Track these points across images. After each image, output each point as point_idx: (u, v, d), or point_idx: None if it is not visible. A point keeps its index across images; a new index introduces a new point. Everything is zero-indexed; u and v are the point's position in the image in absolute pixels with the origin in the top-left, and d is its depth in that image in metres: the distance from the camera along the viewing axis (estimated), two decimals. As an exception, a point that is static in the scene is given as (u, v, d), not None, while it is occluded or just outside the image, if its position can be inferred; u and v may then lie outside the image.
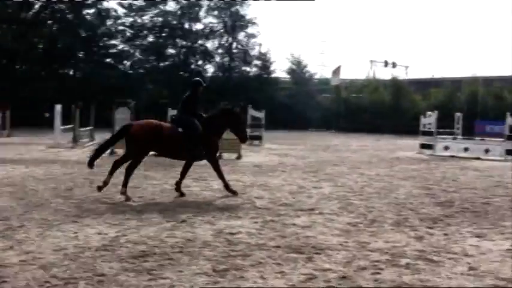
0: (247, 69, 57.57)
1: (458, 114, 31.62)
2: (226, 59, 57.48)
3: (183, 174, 11.43)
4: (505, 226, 8.88)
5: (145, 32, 55.44)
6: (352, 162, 19.37)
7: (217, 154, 12.38)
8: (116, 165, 11.01)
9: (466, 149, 23.60)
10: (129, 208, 9.71)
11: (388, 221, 9.05)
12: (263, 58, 57.06)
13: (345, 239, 7.72)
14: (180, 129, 11.06)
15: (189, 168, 11.53)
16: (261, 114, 28.21)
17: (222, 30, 57.41)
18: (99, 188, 10.82)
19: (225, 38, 57.56)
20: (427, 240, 7.76)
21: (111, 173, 10.89)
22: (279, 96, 53.35)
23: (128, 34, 55.08)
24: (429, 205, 10.72)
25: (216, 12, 57.19)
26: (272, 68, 57.29)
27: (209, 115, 11.45)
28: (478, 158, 22.22)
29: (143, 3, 54.94)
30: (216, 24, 57.40)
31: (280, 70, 58.26)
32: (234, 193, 11.32)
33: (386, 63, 68.46)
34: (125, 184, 10.69)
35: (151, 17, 55.52)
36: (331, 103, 54.31)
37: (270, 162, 18.89)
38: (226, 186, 11.39)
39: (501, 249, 7.42)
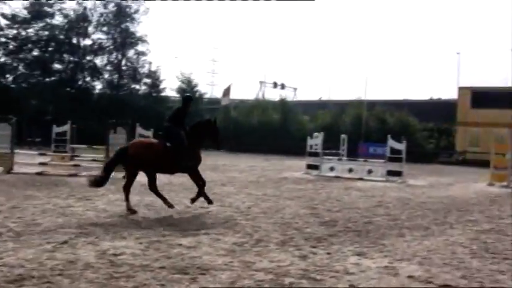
0: (137, 86, 56.93)
1: (343, 136, 32.80)
2: (115, 76, 56.56)
3: (198, 185, 12.26)
4: (384, 244, 9.27)
5: (29, 45, 53.43)
6: (239, 182, 19.55)
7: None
8: (127, 191, 11.62)
9: (350, 170, 24.52)
10: (6, 230, 9.24)
11: (273, 240, 9.20)
12: (153, 76, 56.64)
13: (231, 259, 7.75)
14: (168, 144, 11.74)
15: (201, 177, 12.30)
16: (149, 133, 27.84)
17: (111, 47, 56.47)
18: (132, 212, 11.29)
19: (114, 55, 56.68)
20: (311, 259, 7.95)
21: (127, 199, 11.54)
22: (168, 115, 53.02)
23: (11, 47, 52.84)
24: (314, 225, 11.00)
25: (105, 28, 56.24)
26: (162, 86, 57.01)
27: (191, 127, 12.14)
28: (361, 179, 23.14)
29: (28, 16, 52.99)
30: (105, 41, 56.43)
31: (170, 89, 57.99)
32: (210, 202, 12.27)
33: (275, 85, 70.03)
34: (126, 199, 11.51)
35: (37, 30, 53.65)
36: (221, 123, 54.52)
37: (158, 181, 18.63)
38: (204, 195, 12.28)
39: (380, 266, 7.74)
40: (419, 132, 49.20)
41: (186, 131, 12.04)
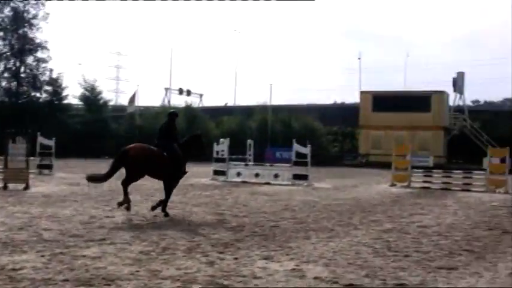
0: (37, 94, 54.95)
1: (249, 141, 33.09)
2: (14, 83, 54.35)
3: (166, 196, 12.95)
4: (291, 247, 9.41)
5: None
6: (146, 190, 19.25)
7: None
8: (125, 186, 12.43)
9: (257, 175, 24.77)
10: None
11: (180, 248, 9.12)
12: (54, 83, 54.84)
13: (137, 268, 7.61)
14: (165, 153, 12.64)
15: (173, 189, 13.18)
16: (51, 142, 27.00)
17: (8, 53, 54.23)
18: (120, 204, 12.45)
19: (12, 62, 54.45)
20: (218, 265, 7.95)
21: (125, 193, 12.38)
22: (71, 124, 51.55)
23: None
24: (221, 230, 11.00)
25: (1, 34, 53.94)
26: (64, 93, 55.31)
27: (184, 142, 13.29)
28: (268, 183, 23.41)
29: None
30: (1, 47, 54.12)
31: (73, 96, 56.28)
32: (167, 215, 12.60)
33: (181, 91, 69.67)
34: (126, 197, 12.35)
35: None
36: (126, 130, 53.66)
37: (61, 192, 18.11)
38: (164, 206, 12.80)
39: (287, 269, 7.84)
40: (324, 136, 50.46)
41: (179, 143, 13.04)
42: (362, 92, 51.90)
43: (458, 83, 54.62)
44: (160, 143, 12.84)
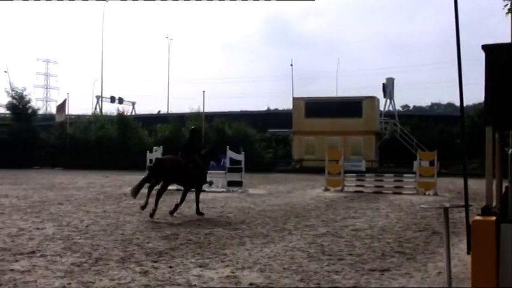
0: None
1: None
2: None
3: (196, 200, 15.11)
4: (226, 254, 9.40)
5: None
6: (78, 200, 18.85)
7: None
8: (158, 196, 14.22)
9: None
10: None
11: (113, 258, 8.95)
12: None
13: (69, 281, 7.43)
14: (191, 165, 14.53)
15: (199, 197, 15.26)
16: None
17: None
18: (142, 207, 14.25)
19: None
20: (153, 274, 7.84)
21: (156, 202, 14.13)
22: (-2, 133, 49.95)
23: None
24: (155, 239, 10.88)
25: None
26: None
27: (205, 152, 15.35)
28: (203, 191, 23.27)
29: None
30: None
31: (-1, 105, 54.47)
32: (202, 214, 14.74)
33: (113, 99, 68.68)
34: (155, 205, 14.03)
35: None
36: (56, 140, 52.41)
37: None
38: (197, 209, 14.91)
39: (222, 276, 7.83)
40: (258, 142, 50.59)
41: (200, 155, 15.07)
42: (294, 99, 52.40)
43: (388, 89, 56.04)
44: (184, 156, 14.77)
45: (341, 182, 24.78)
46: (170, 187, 15.40)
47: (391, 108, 57.22)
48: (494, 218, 4.97)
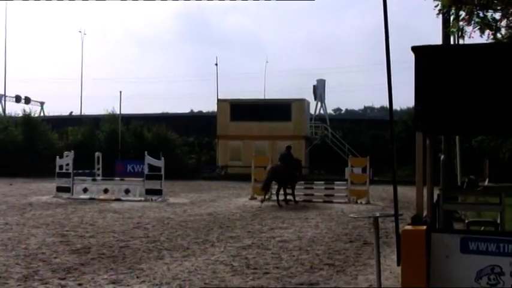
0: None
1: (98, 154, 32.30)
2: None
3: (293, 193, 22.91)
4: (143, 269, 9.28)
5: None
6: (21, 205, 18.24)
7: None
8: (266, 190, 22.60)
9: (106, 191, 24.19)
10: None
11: (14, 276, 8.67)
12: None
13: (-38, 302, 7.13)
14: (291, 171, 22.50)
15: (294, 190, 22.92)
16: None
17: None
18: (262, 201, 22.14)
19: None
20: (59, 293, 7.65)
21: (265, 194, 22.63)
22: None
23: None
24: (64, 254, 10.62)
25: None
26: None
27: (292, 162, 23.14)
28: (119, 200, 22.96)
29: None
30: None
31: None
32: (296, 202, 22.75)
33: (18, 99, 66.69)
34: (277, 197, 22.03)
35: None
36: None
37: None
38: (293, 199, 22.78)
39: (137, 293, 7.72)
40: (180, 148, 50.29)
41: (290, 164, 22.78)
42: (219, 100, 52.37)
43: (318, 91, 56.93)
44: (285, 164, 22.56)
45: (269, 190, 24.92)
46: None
47: (322, 112, 58.11)
48: (424, 227, 5.10)
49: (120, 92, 48.39)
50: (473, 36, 10.78)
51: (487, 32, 10.57)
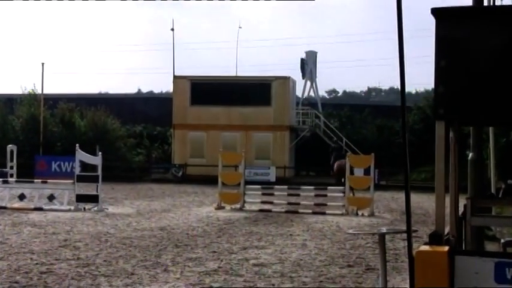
0: None
1: (11, 147, 32.05)
2: None
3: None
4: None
5: None
6: None
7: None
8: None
9: (22, 197, 24.00)
10: None
11: None
12: None
13: None
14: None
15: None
16: None
17: None
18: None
19: None
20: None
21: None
22: None
23: None
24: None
25: None
26: None
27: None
28: (40, 209, 22.80)
29: None
30: None
31: None
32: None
33: None
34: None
35: None
36: None
37: None
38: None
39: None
40: (123, 140, 50.08)
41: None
42: (176, 78, 52.04)
43: (308, 66, 56.87)
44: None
45: (240, 197, 24.93)
46: None
47: (312, 94, 58.25)
48: (446, 248, 5.10)
49: (43, 64, 47.91)
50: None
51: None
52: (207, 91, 48.98)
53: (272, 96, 48.79)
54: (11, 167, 30.94)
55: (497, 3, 11.24)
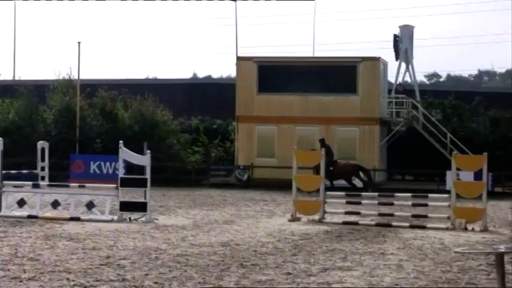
0: None
1: (42, 144, 32.33)
2: None
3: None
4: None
5: None
6: None
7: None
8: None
9: (55, 204, 24.27)
10: None
11: None
12: None
13: None
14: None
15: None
16: None
17: None
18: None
19: None
20: None
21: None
22: None
23: None
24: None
25: None
26: None
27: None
28: (77, 219, 23.05)
29: None
30: None
31: None
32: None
33: None
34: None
35: None
36: None
37: None
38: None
39: None
40: (176, 135, 50.24)
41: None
42: (240, 59, 52.13)
43: (402, 45, 56.42)
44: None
45: (320, 207, 24.84)
46: None
47: (408, 79, 57.82)
48: None
49: (79, 43, 48.39)
50: None
51: None
52: (278, 75, 48.91)
53: (358, 81, 48.43)
54: (42, 168, 31.24)
55: None
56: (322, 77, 48.16)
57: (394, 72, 56.30)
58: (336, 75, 48.29)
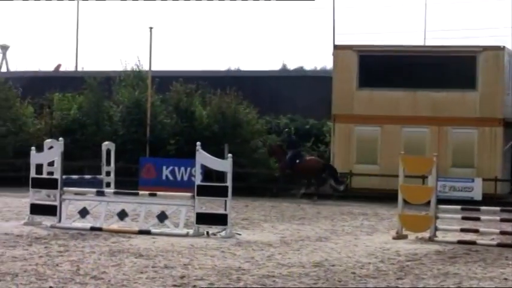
0: None
1: (108, 145, 32.70)
2: None
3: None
4: None
5: None
6: None
7: None
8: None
9: (122, 215, 24.48)
10: None
11: None
12: None
13: None
14: None
15: None
16: None
17: None
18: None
19: None
20: None
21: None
22: None
23: None
24: None
25: None
26: None
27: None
28: (146, 232, 23.24)
29: None
30: None
31: None
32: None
33: None
34: None
35: None
36: None
37: None
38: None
39: None
40: (262, 136, 50.32)
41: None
42: (338, 48, 52.02)
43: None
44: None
45: (430, 223, 24.71)
46: None
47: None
48: None
49: (151, 29, 48.67)
50: None
51: None
52: (383, 68, 48.81)
53: (478, 75, 47.96)
54: (108, 173, 31.56)
55: None
56: (434, 69, 47.81)
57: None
58: (450, 68, 47.89)
